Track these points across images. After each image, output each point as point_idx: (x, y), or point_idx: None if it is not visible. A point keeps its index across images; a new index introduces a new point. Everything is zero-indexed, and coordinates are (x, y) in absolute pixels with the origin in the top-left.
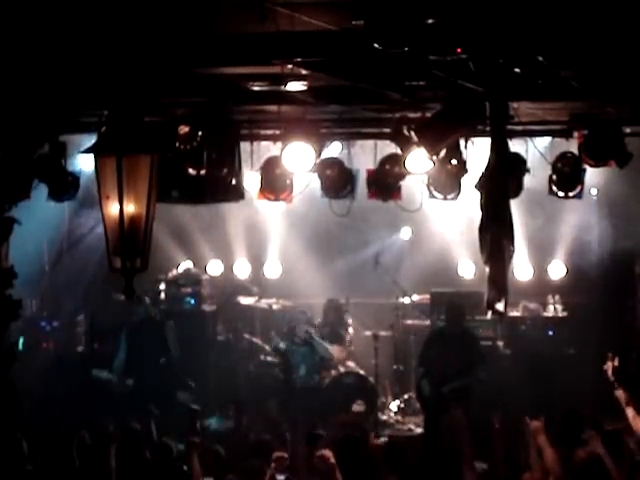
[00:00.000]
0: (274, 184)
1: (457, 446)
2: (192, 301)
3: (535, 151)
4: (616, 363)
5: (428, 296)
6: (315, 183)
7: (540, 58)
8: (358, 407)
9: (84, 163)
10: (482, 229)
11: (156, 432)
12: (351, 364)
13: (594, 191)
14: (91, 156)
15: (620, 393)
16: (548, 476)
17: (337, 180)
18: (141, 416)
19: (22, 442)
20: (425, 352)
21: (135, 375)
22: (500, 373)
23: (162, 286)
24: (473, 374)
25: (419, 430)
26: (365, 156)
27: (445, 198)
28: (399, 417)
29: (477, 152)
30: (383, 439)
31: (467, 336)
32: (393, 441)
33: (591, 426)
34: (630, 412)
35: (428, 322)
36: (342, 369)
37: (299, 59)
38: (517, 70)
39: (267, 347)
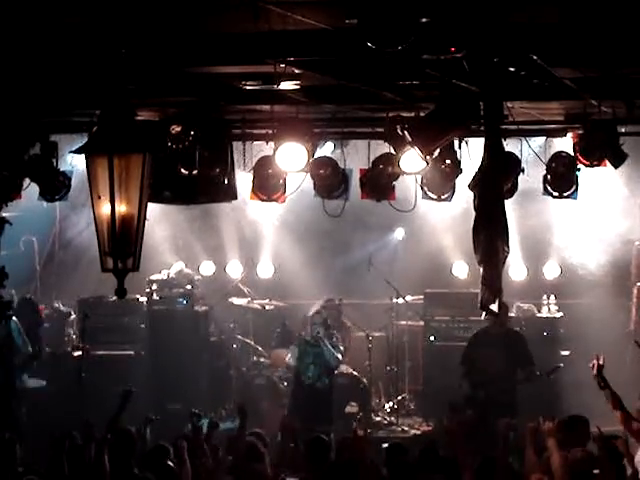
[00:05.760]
0: (267, 184)
1: (455, 450)
2: (184, 302)
3: (530, 151)
4: (601, 362)
5: (422, 297)
6: (308, 183)
7: (535, 57)
8: (351, 408)
9: (76, 163)
10: (476, 229)
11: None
12: (344, 365)
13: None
14: (83, 156)
15: (607, 393)
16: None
17: (330, 180)
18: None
19: (15, 443)
20: (468, 351)
21: None
22: None
23: (154, 287)
24: (520, 375)
25: (413, 431)
26: (358, 156)
27: (439, 198)
28: (392, 418)
29: (471, 152)
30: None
31: (512, 336)
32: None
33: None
34: (618, 415)
35: (422, 323)
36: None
37: (292, 58)
38: (511, 69)
39: (259, 348)
